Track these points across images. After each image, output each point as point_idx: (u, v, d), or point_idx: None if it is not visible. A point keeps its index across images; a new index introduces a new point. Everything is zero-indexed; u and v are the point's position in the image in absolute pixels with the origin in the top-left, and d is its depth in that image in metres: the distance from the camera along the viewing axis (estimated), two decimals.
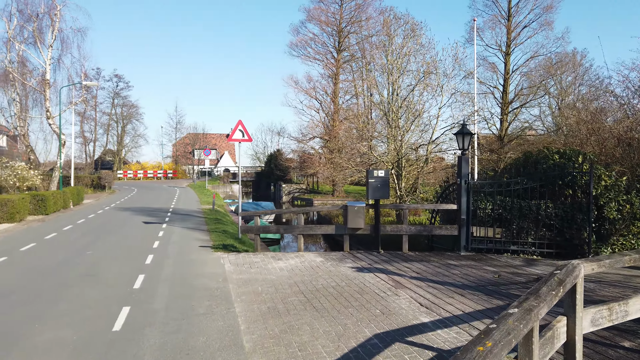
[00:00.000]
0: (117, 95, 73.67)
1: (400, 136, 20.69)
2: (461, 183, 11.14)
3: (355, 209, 11.02)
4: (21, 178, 24.28)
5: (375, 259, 10.63)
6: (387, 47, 22.10)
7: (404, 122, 20.76)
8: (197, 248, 13.30)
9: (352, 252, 11.49)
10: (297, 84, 49.01)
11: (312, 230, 11.68)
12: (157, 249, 13.18)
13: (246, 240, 15.69)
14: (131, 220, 20.70)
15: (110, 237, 15.46)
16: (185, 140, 76.47)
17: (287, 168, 58.61)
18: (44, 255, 12.35)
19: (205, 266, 10.64)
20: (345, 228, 11.35)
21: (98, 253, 12.54)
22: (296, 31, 50.99)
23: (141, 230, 17.15)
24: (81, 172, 60.05)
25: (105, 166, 71.03)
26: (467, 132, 11.22)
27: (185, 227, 18.08)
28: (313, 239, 25.13)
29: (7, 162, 24.67)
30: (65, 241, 14.73)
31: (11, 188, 24.49)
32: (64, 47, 28.99)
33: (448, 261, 10.43)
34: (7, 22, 27.48)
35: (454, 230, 11.31)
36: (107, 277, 9.66)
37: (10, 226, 18.64)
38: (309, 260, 10.75)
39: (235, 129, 15.89)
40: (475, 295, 7.61)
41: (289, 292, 8.16)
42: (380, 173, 11.03)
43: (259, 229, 12.08)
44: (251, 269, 10.19)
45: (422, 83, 20.75)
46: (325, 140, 47.67)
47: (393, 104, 21.05)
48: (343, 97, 50.65)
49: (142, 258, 11.70)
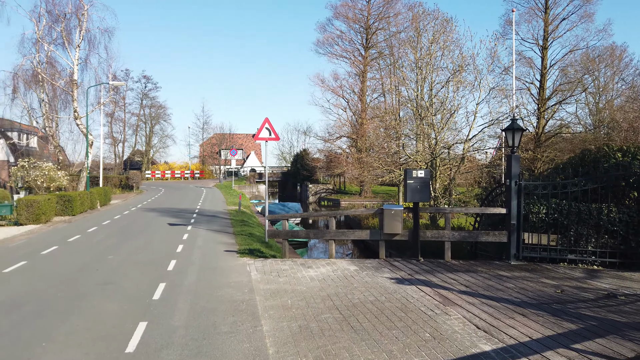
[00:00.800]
0: (145, 96, 74.55)
1: (434, 134, 19.55)
2: (511, 184, 10.01)
3: (392, 213, 10.04)
4: (49, 179, 24.23)
5: (416, 268, 9.63)
6: (416, 44, 20.98)
7: (439, 119, 19.61)
8: (222, 253, 12.56)
9: (388, 259, 10.52)
10: (323, 83, 48.24)
11: (344, 236, 10.75)
12: (180, 253, 12.52)
13: (273, 244, 14.90)
14: (156, 221, 20.24)
15: (133, 240, 14.94)
16: (212, 141, 76.71)
17: (314, 168, 57.87)
18: (64, 259, 11.84)
19: (231, 274, 9.86)
20: (380, 233, 10.39)
21: (119, 258, 11.96)
22: (323, 29, 50.25)
23: (166, 233, 16.60)
24: (110, 172, 60.89)
25: (134, 166, 71.90)
26: (518, 128, 10.08)
27: (210, 230, 17.45)
28: (342, 243, 24.19)
29: (34, 162, 24.71)
30: (87, 244, 14.26)
31: (38, 188, 24.48)
32: (91, 47, 29.02)
33: (498, 272, 9.33)
34: (36, 23, 27.62)
35: (502, 237, 10.19)
36: (125, 286, 8.99)
37: (35, 227, 18.42)
38: (341, 269, 9.84)
39: (262, 127, 15.13)
40: (539, 316, 6.53)
41: (322, 307, 7.27)
42: (420, 173, 10.02)
43: (288, 234, 11.24)
44: (279, 278, 9.35)
45: (457, 78, 19.55)
46: (353, 139, 46.66)
47: (427, 101, 19.92)
48: (371, 96, 49.56)
49: (164, 264, 11.03)
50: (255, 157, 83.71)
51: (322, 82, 48.38)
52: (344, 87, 48.27)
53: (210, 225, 18.81)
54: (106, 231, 17.23)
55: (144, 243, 14.37)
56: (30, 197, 19.48)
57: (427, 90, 20.31)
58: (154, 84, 78.87)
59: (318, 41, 53.84)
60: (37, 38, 27.47)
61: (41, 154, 38.14)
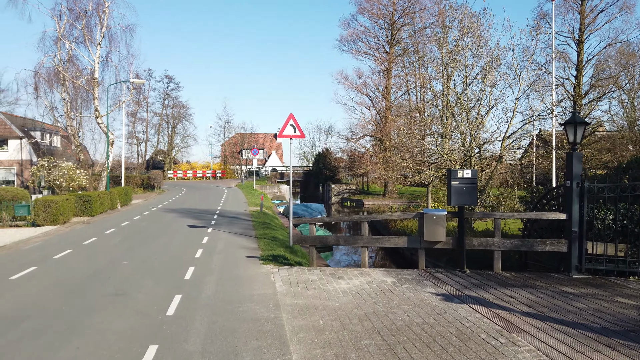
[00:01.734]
0: (167, 96, 74.71)
1: (469, 131, 18.23)
2: (572, 186, 8.74)
3: (434, 218, 8.89)
4: (68, 178, 23.79)
5: (463, 281, 8.45)
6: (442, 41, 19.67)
7: (474, 116, 18.27)
8: (244, 259, 11.60)
9: (429, 270, 9.36)
10: (347, 80, 47.07)
11: (378, 243, 9.64)
12: (199, 259, 11.61)
13: (298, 249, 13.88)
14: (176, 223, 19.49)
15: (151, 244, 14.13)
16: (233, 140, 76.38)
17: (336, 168, 56.74)
18: (76, 265, 11.06)
19: (253, 285, 8.86)
20: (420, 240, 9.24)
21: (134, 263, 11.12)
22: (346, 25, 49.10)
23: (185, 236, 15.77)
24: (133, 172, 61.05)
25: (157, 166, 72.09)
26: (581, 122, 8.80)
27: (231, 233, 16.55)
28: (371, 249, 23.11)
29: (54, 161, 24.31)
30: (103, 247, 13.51)
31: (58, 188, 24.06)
32: (111, 44, 28.56)
33: (561, 287, 8.07)
34: (57, 21, 27.29)
35: (562, 246, 8.92)
36: (138, 297, 8.09)
37: (52, 229, 17.85)
38: (377, 281, 8.73)
39: (286, 123, 14.13)
40: (631, 349, 5.31)
41: (360, 330, 6.19)
42: (466, 173, 8.84)
43: (315, 240, 10.19)
44: (307, 290, 8.31)
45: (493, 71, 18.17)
46: (377, 138, 45.35)
47: (460, 96, 18.61)
48: (395, 94, 48.17)
49: (181, 272, 10.12)
50: (277, 157, 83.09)
51: (345, 80, 47.26)
52: (367, 85, 47.05)
53: (231, 228, 17.93)
54: (124, 233, 16.51)
55: (162, 247, 13.54)
56: (47, 198, 18.95)
57: (460, 84, 18.99)
58: (176, 83, 79.28)
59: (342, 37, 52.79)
60: (58, 36, 27.15)
61: (64, 154, 38.09)
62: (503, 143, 18.43)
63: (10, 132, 34.20)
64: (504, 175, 20.03)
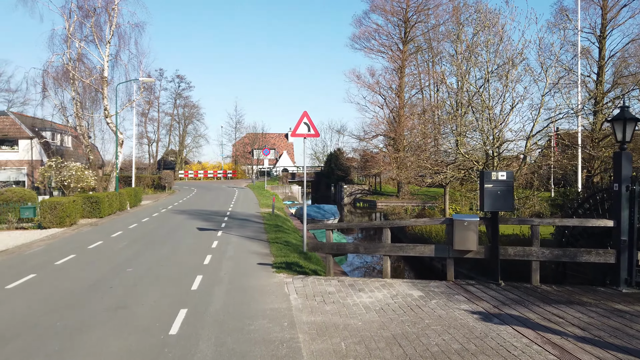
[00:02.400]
0: (179, 96, 74.47)
1: (491, 130, 17.27)
2: (621, 190, 7.82)
3: (465, 225, 8.03)
4: (76, 179, 23.28)
5: (499, 296, 7.57)
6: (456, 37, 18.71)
7: (496, 113, 17.30)
8: (255, 267, 10.83)
9: (458, 282, 8.50)
10: (359, 79, 46.17)
11: (402, 251, 8.79)
12: (208, 266, 10.88)
13: (312, 255, 13.09)
14: (185, 225, 18.82)
15: (158, 248, 13.44)
16: (244, 140, 75.87)
17: (348, 168, 55.89)
18: (78, 272, 10.39)
19: (266, 297, 8.08)
20: (448, 249, 8.38)
21: (139, 271, 10.42)
22: (359, 22, 48.16)
23: (194, 239, 15.07)
24: (144, 172, 60.81)
25: (168, 166, 71.87)
26: (631, 118, 7.86)
27: (242, 236, 15.81)
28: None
29: (62, 162, 23.84)
30: (108, 252, 12.85)
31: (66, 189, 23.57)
32: (121, 43, 28.06)
33: (612, 304, 7.15)
34: (66, 19, 26.85)
35: (609, 257, 7.99)
36: (140, 312, 7.35)
37: (57, 232, 17.29)
38: (402, 294, 7.89)
39: (300, 122, 13.35)
40: None
41: (389, 357, 5.36)
42: (501, 175, 7.96)
43: (333, 247, 9.37)
44: (325, 305, 7.50)
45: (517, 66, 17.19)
46: (391, 137, 44.39)
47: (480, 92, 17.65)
48: (409, 92, 47.17)
49: (188, 281, 9.39)
50: (288, 157, 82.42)
51: (357, 79, 46.36)
52: (380, 83, 46.09)
53: (242, 231, 17.20)
54: (131, 236, 15.87)
55: (169, 252, 12.84)
56: (53, 199, 18.41)
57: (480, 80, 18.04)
58: (187, 83, 78.92)
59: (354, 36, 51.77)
60: (67, 34, 26.71)
61: (75, 154, 37.77)
62: (528, 142, 17.44)
63: (20, 132, 33.91)
64: (528, 175, 18.98)
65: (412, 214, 27.67)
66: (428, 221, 8.84)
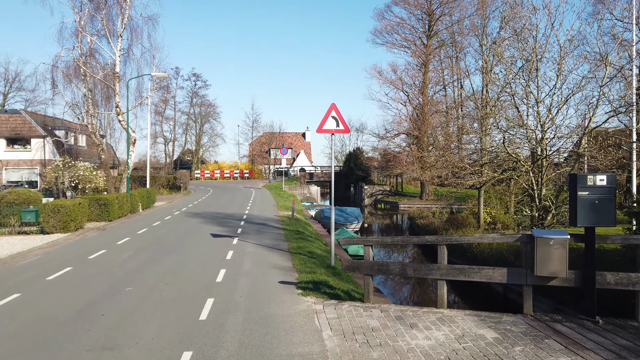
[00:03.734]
0: (195, 95, 73.44)
1: (540, 125, 15.30)
2: None
3: (551, 243, 6.20)
4: (84, 179, 21.96)
5: (604, 341, 5.69)
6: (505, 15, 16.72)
7: (546, 106, 15.31)
8: (277, 286, 9.13)
9: (538, 316, 6.64)
10: (381, 75, 44.18)
11: (463, 275, 6.97)
12: (221, 285, 9.22)
13: (340, 269, 11.35)
14: (198, 230, 17.26)
15: (165, 259, 11.85)
16: (261, 139, 74.45)
17: (368, 168, 53.96)
18: (69, 291, 8.84)
19: (292, 335, 6.36)
20: (526, 274, 6.54)
21: (140, 290, 8.81)
22: (380, 16, 46.13)
23: (206, 249, 13.46)
24: (160, 172, 59.85)
25: (184, 166, 70.92)
26: None
27: (260, 245, 14.14)
28: (429, 278, 20.23)
29: (70, 161, 22.55)
30: (109, 265, 11.31)
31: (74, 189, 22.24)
32: (133, 36, 26.70)
33: None
34: (77, 12, 25.59)
35: None
36: (130, 356, 5.71)
37: (60, 237, 15.88)
38: (470, 335, 6.08)
39: (327, 116, 11.62)
40: None
41: None
42: (600, 179, 6.09)
43: (372, 267, 7.59)
44: (371, 349, 5.74)
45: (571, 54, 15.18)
46: (414, 136, 42.34)
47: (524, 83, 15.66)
48: (433, 88, 45.03)
49: (197, 306, 7.73)
50: (305, 157, 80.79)
51: (379, 75, 44.36)
52: (403, 80, 44.02)
53: (260, 238, 15.54)
54: (138, 244, 14.35)
55: (178, 264, 11.23)
56: (57, 202, 17.03)
57: (526, 71, 16.04)
58: (203, 81, 77.98)
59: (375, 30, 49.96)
60: (77, 28, 25.46)
61: (89, 153, 36.73)
62: (582, 140, 15.40)
63: (33, 131, 32.96)
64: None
65: (441, 218, 25.67)
66: (498, 237, 6.96)
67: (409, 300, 14.17)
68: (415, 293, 15.11)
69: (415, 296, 14.83)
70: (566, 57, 15.34)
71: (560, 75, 15.19)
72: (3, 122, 33.38)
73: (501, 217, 22.78)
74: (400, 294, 14.98)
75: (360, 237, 20.12)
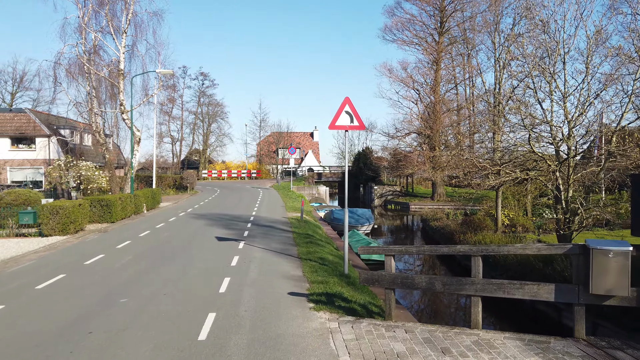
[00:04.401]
0: (202, 94, 72.85)
1: (569, 122, 14.28)
2: None
3: (610, 256, 5.27)
4: (86, 179, 21.25)
5: None
6: None
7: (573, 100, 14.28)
8: (286, 299, 8.24)
9: (593, 340, 5.69)
10: (391, 73, 43.13)
11: (502, 291, 6.02)
12: (225, 296, 8.35)
13: (354, 276, 10.45)
14: (203, 233, 16.44)
15: (166, 266, 11.02)
16: (269, 139, 73.69)
17: (378, 168, 52.93)
18: (58, 303, 8.02)
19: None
20: (578, 292, 5.60)
21: (136, 302, 7.97)
22: (391, 13, 45.13)
23: (211, 254, 12.62)
24: (168, 172, 59.29)
25: (192, 166, 70.36)
26: None
27: (268, 249, 13.27)
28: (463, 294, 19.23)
29: (71, 161, 21.86)
30: (105, 272, 10.50)
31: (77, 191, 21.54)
32: (138, 32, 25.95)
33: None
34: (80, 8, 24.89)
35: None
36: None
37: (59, 240, 15.14)
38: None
39: (340, 110, 10.73)
40: None
41: None
42: None
43: (395, 281, 6.68)
44: None
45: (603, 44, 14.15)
46: (426, 135, 41.28)
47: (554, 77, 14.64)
48: (446, 86, 43.88)
49: (197, 322, 6.87)
50: (313, 156, 79.91)
51: (389, 72, 43.32)
52: (414, 78, 42.94)
53: (267, 242, 14.67)
54: (139, 248, 13.54)
55: (179, 272, 10.39)
56: (55, 203, 16.29)
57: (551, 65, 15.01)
58: (211, 81, 77.31)
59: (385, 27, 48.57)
60: (80, 24, 24.75)
61: (95, 153, 36.13)
62: (613, 138, 14.34)
63: (37, 130, 32.41)
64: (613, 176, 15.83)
65: (456, 220, 24.63)
66: (544, 248, 5.98)
67: (433, 315, 12.64)
68: (440, 306, 13.58)
69: (440, 310, 13.24)
70: (595, 48, 14.31)
71: (589, 68, 14.16)
72: (7, 121, 32.89)
73: (520, 220, 21.72)
74: (422, 306, 13.37)
75: (378, 244, 19.02)
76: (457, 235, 19.18)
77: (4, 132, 32.26)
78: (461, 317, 12.48)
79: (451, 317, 12.71)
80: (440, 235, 22.34)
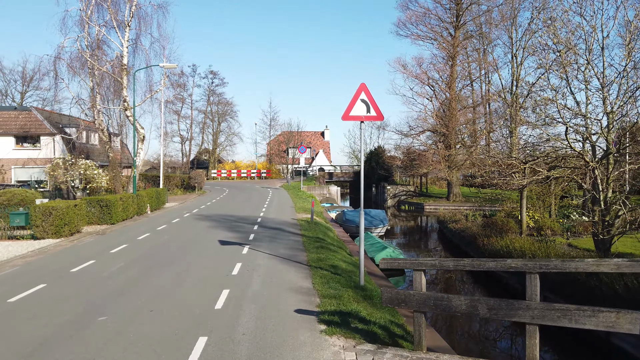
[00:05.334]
0: (212, 93, 71.97)
1: (607, 114, 12.83)
2: None
3: None
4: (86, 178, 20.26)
5: None
6: None
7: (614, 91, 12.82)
8: (292, 318, 6.97)
9: None
10: (405, 69, 41.67)
11: (567, 319, 4.64)
12: (221, 314, 7.12)
13: (372, 289, 9.14)
14: (206, 236, 15.28)
15: (159, 275, 9.84)
16: (279, 139, 72.58)
17: (391, 167, 51.49)
18: (25, 322, 6.86)
19: None
20: None
21: (117, 321, 6.78)
22: (405, 6, 43.58)
23: (211, 260, 11.41)
24: (177, 171, 58.49)
25: (201, 165, 69.55)
26: None
27: (274, 255, 12.03)
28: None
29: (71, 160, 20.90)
30: (91, 281, 9.35)
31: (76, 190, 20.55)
32: (142, 26, 24.97)
33: None
34: (82, 0, 23.93)
35: None
36: None
37: (51, 244, 14.06)
38: None
39: (355, 99, 9.46)
40: None
41: None
42: None
43: (426, 302, 5.40)
44: None
45: None
46: (441, 133, 39.77)
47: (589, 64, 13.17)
48: (461, 82, 42.29)
49: (181, 353, 5.65)
50: (324, 156, 78.64)
51: (403, 68, 41.85)
52: (429, 74, 41.42)
53: (274, 246, 13.43)
54: (134, 253, 12.40)
55: (172, 282, 9.19)
56: (49, 204, 15.25)
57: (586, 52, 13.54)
58: (220, 79, 76.53)
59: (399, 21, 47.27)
60: (82, 17, 23.82)
61: (102, 152, 35.29)
62: None
63: (42, 129, 31.62)
64: None
65: (475, 221, 23.15)
66: (625, 265, 4.58)
67: (466, 336, 10.70)
68: (477, 327, 11.37)
69: (478, 333, 11.04)
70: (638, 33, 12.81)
71: (630, 55, 12.67)
72: (12, 119, 32.17)
73: (547, 222, 20.18)
74: (454, 326, 11.22)
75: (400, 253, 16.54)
76: (480, 239, 17.75)
77: (8, 131, 31.55)
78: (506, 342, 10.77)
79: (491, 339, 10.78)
80: (460, 239, 20.91)
